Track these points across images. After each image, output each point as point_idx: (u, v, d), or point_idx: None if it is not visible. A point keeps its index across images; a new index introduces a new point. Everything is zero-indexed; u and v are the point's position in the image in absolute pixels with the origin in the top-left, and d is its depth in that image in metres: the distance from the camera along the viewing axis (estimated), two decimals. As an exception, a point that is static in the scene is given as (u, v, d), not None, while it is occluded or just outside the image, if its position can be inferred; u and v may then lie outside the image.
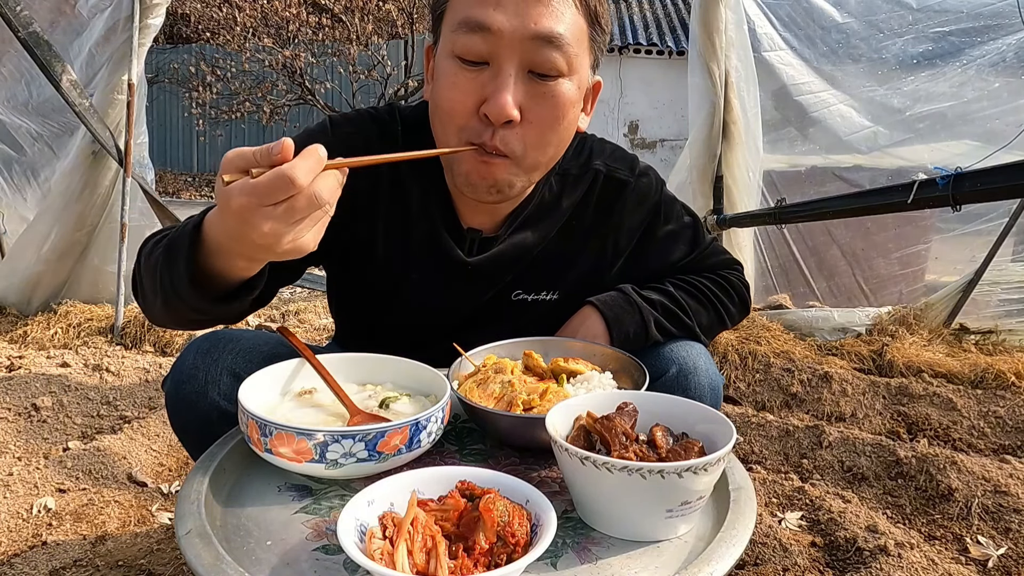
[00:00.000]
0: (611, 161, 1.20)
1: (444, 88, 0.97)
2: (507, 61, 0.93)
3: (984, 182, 2.04)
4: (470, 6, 0.93)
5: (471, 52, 0.93)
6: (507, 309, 1.21)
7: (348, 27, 10.94)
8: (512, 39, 0.91)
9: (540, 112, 0.96)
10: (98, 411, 2.39)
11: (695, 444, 0.80)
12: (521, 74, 0.94)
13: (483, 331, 1.22)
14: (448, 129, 0.99)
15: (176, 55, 13.29)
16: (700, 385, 1.11)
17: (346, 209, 1.12)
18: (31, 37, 2.90)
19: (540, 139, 0.98)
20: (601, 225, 1.20)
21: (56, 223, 3.29)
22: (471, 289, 1.18)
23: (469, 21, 0.92)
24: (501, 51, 0.92)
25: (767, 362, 2.89)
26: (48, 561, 1.51)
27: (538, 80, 0.95)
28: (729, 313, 1.26)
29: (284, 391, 1.02)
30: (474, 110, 0.96)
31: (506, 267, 1.17)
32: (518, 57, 0.93)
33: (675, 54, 11.87)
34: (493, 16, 0.91)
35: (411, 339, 1.24)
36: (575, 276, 1.20)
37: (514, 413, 0.93)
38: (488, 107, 0.93)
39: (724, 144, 3.66)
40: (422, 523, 0.68)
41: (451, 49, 0.95)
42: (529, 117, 0.96)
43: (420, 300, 1.20)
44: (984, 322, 3.24)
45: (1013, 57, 3.38)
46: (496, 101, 0.92)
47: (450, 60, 0.96)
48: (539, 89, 0.95)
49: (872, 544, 1.58)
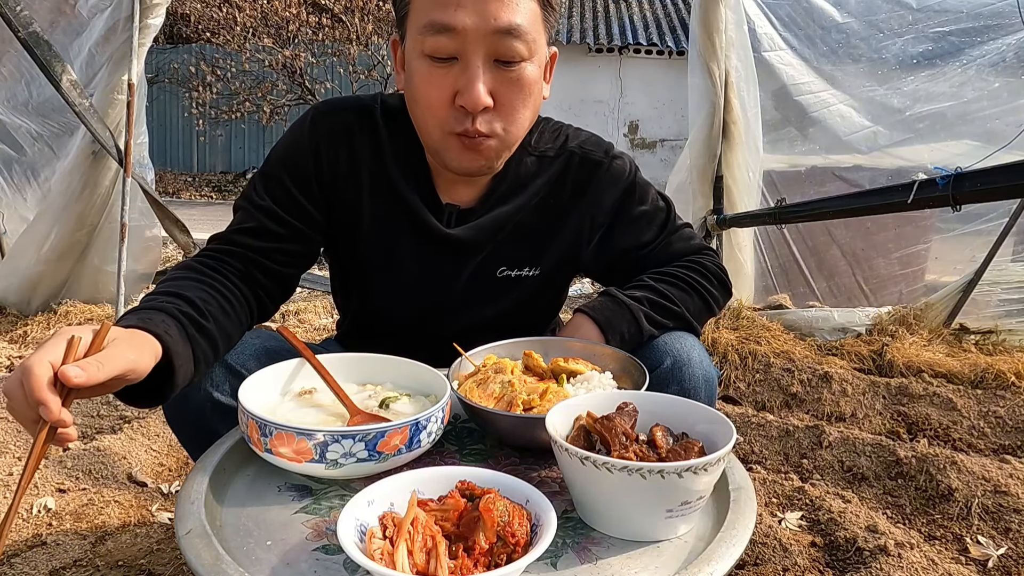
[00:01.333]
0: (586, 144, 1.27)
1: (420, 86, 1.06)
2: (474, 55, 1.01)
3: (984, 182, 2.04)
4: (433, 9, 1.01)
5: (440, 51, 1.02)
6: (494, 286, 1.26)
7: (348, 27, 10.94)
8: (476, 35, 1.00)
9: (510, 95, 1.06)
10: (98, 411, 2.39)
11: (695, 444, 0.80)
12: (488, 64, 1.03)
13: (475, 311, 1.27)
14: (429, 122, 1.08)
15: (176, 55, 13.29)
16: (694, 377, 1.11)
17: (330, 196, 1.20)
18: (31, 37, 2.90)
19: (515, 117, 1.08)
20: (577, 202, 1.26)
21: (56, 223, 3.29)
22: (451, 261, 1.23)
23: (435, 24, 1.01)
24: (467, 47, 1.01)
25: (767, 362, 2.89)
26: (48, 561, 1.51)
27: (504, 67, 1.04)
28: (713, 296, 1.27)
29: (284, 391, 1.02)
30: (450, 101, 1.04)
31: (485, 237, 1.22)
32: (483, 50, 1.01)
33: (675, 54, 11.87)
34: (455, 16, 0.99)
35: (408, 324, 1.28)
36: (555, 251, 1.27)
37: (514, 413, 0.93)
38: (463, 99, 1.02)
39: (724, 144, 3.66)
40: (422, 523, 0.68)
41: (421, 49, 1.03)
42: (501, 101, 1.05)
43: (409, 275, 1.25)
44: (984, 322, 3.24)
45: (1013, 57, 3.38)
46: (470, 93, 1.01)
47: (421, 59, 1.04)
48: (506, 75, 1.04)
49: (872, 544, 1.58)
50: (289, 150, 1.19)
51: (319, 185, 1.18)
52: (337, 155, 1.18)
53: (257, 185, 1.19)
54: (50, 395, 0.74)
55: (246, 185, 1.25)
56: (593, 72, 12.06)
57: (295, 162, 1.17)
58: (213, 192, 12.80)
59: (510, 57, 1.02)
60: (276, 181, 1.17)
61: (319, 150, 1.17)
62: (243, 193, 1.21)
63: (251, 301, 1.12)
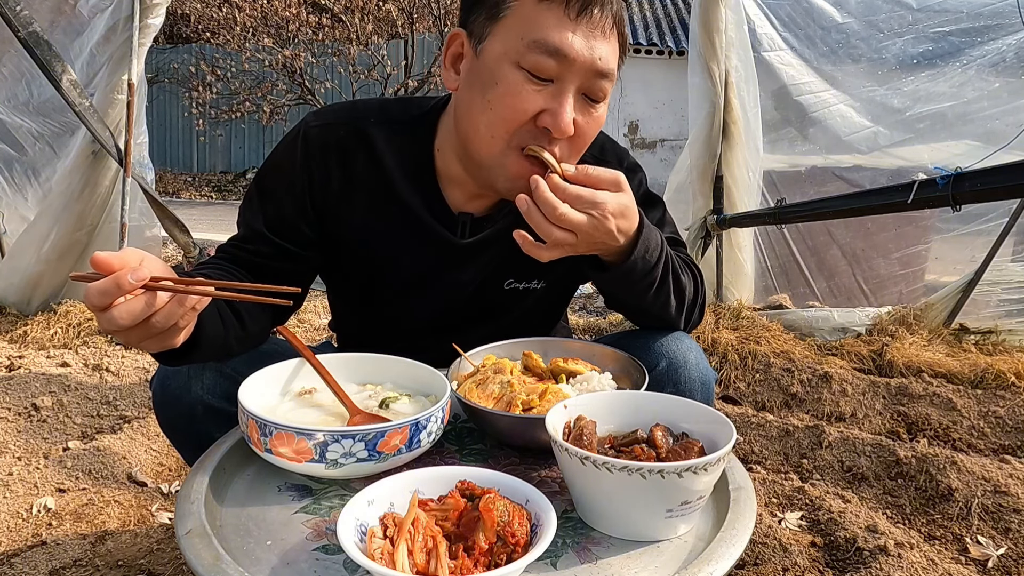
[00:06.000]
0: (599, 153, 1.27)
1: (506, 95, 1.04)
2: (571, 84, 1.03)
3: (984, 182, 2.04)
4: (551, 30, 1.01)
5: (543, 71, 1.02)
6: (501, 299, 1.26)
7: (348, 27, 10.94)
8: (581, 68, 1.02)
9: (586, 129, 1.08)
10: (98, 411, 2.39)
11: (695, 444, 0.80)
12: (578, 95, 1.05)
13: (481, 325, 1.25)
14: (498, 131, 1.06)
15: (176, 55, 13.29)
16: (690, 379, 1.11)
17: (322, 212, 1.17)
18: (31, 37, 2.90)
19: (581, 148, 1.11)
20: None
21: (56, 223, 3.29)
22: (464, 273, 1.22)
23: (548, 44, 1.01)
24: (569, 75, 1.03)
25: (767, 362, 2.89)
26: (48, 561, 1.51)
27: (589, 103, 1.07)
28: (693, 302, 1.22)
29: (284, 391, 1.02)
30: (531, 119, 1.04)
31: (499, 245, 1.21)
32: (580, 82, 1.04)
33: (675, 54, 11.87)
34: (572, 45, 1.01)
35: (410, 338, 1.25)
36: (562, 263, 1.23)
37: (513, 413, 0.93)
38: (553, 122, 1.03)
39: (724, 144, 3.66)
40: (423, 523, 0.68)
41: (518, 61, 1.03)
42: (578, 132, 1.07)
43: (417, 287, 1.24)
44: (984, 322, 3.24)
45: (1013, 57, 3.38)
46: (562, 119, 1.03)
47: (515, 71, 1.03)
48: (588, 109, 1.07)
49: (872, 544, 1.58)
50: (282, 168, 1.18)
51: (311, 202, 1.17)
52: (329, 173, 1.16)
53: (254, 202, 1.18)
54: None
55: (244, 197, 1.24)
56: (593, 72, 12.04)
57: (290, 180, 1.16)
58: (213, 192, 12.81)
59: (597, 96, 1.06)
60: (270, 199, 1.17)
61: (311, 167, 1.16)
62: (241, 208, 1.21)
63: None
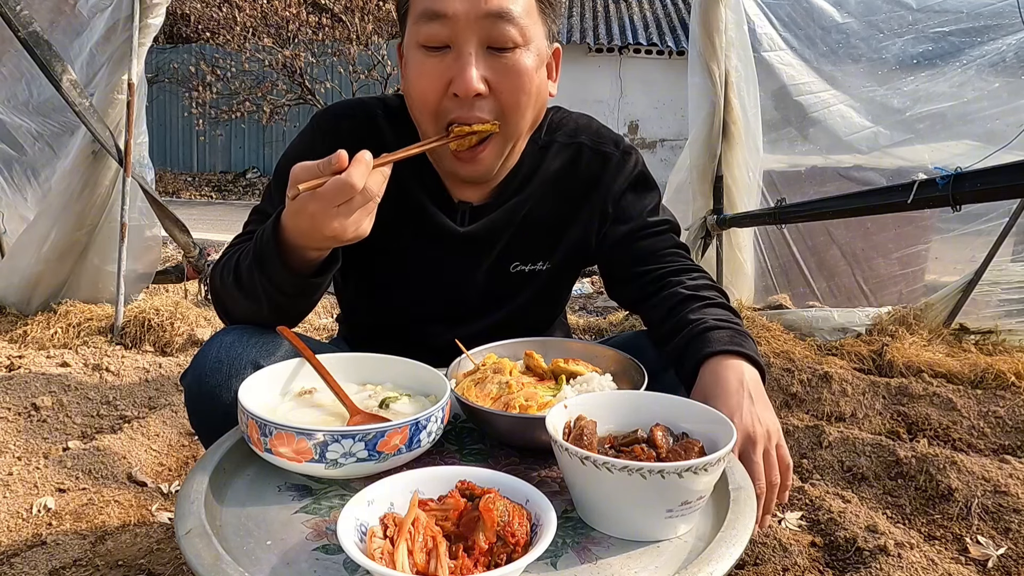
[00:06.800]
0: (596, 136, 1.28)
1: (414, 77, 1.07)
2: (466, 41, 1.03)
3: (984, 182, 2.04)
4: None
5: (433, 39, 1.03)
6: (509, 282, 1.27)
7: (348, 27, 10.94)
8: (467, 20, 1.01)
9: (504, 82, 1.05)
10: (98, 411, 2.39)
11: (695, 444, 0.80)
12: (481, 51, 1.04)
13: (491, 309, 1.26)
14: (424, 115, 1.08)
15: (176, 55, 13.28)
16: None
17: None
18: (31, 37, 2.90)
19: (512, 105, 1.08)
20: (588, 194, 1.26)
21: (56, 223, 3.29)
22: (468, 259, 1.24)
23: (427, 11, 1.02)
24: (459, 33, 1.02)
25: (767, 362, 2.89)
26: (48, 561, 1.51)
27: (497, 54, 1.04)
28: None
29: (284, 391, 1.02)
30: (444, 92, 1.05)
31: (499, 233, 1.23)
32: (475, 36, 1.02)
33: (675, 54, 11.87)
34: (448, 3, 1.01)
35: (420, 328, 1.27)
36: (566, 244, 1.28)
37: (513, 413, 0.93)
38: (456, 85, 1.03)
39: (724, 144, 3.66)
40: (423, 523, 0.68)
41: (416, 40, 1.05)
42: (497, 88, 1.06)
43: (424, 277, 1.25)
44: (984, 322, 3.24)
45: (1013, 57, 3.37)
46: (462, 78, 1.02)
47: (416, 50, 1.06)
48: (499, 62, 1.05)
49: (872, 544, 1.58)
50: (300, 156, 1.18)
51: None
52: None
53: (273, 193, 1.20)
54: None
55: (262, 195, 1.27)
56: (593, 72, 12.07)
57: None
58: (213, 192, 12.81)
59: (502, 43, 1.03)
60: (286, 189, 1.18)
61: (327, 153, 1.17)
62: (256, 207, 1.23)
63: None
